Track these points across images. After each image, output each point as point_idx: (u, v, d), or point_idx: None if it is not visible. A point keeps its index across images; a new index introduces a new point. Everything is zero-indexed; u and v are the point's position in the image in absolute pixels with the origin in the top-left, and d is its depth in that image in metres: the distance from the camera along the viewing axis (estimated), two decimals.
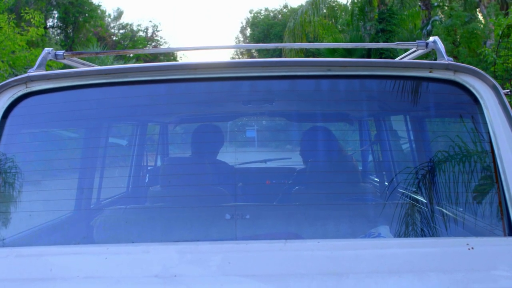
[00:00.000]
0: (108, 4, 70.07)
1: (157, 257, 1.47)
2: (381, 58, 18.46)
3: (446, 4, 21.59)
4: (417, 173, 2.03)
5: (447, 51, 5.58)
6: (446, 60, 1.83)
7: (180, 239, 1.63)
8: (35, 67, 1.90)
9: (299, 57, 20.38)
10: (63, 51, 2.07)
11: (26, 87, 1.78)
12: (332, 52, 19.07)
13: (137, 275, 1.42)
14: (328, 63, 1.77)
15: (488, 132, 1.69)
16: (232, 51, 47.92)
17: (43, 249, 1.63)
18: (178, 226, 1.78)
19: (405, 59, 2.44)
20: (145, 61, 31.45)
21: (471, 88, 1.75)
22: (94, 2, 26.54)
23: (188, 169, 2.06)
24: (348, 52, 18.59)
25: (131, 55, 31.44)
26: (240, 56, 55.19)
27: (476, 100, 1.75)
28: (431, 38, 2.09)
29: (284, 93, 2.00)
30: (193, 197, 1.76)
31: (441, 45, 2.00)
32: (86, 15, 25.78)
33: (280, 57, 28.14)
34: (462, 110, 1.86)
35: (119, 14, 40.71)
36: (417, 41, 2.19)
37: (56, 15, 26.50)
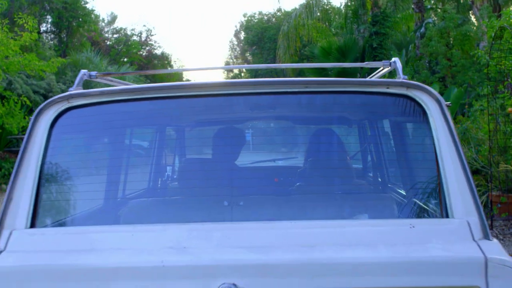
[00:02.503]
0: (101, 9, 70.06)
1: (171, 233, 1.95)
2: (375, 59, 18.50)
3: (439, 7, 21.69)
4: (379, 169, 2.85)
5: (440, 53, 6.30)
6: (401, 78, 2.27)
7: (189, 221, 2.09)
8: (74, 86, 2.38)
9: (293, 60, 20.43)
10: (96, 72, 2.62)
11: (68, 103, 2.25)
12: (327, 55, 19.11)
13: (156, 246, 1.89)
14: (305, 81, 2.26)
15: (432, 136, 2.11)
16: (227, 55, 48.04)
17: (85, 228, 2.17)
18: (189, 211, 2.34)
19: (373, 77, 3.10)
20: (138, 65, 31.41)
21: (420, 101, 2.17)
22: (88, 7, 26.49)
23: (203, 167, 2.73)
24: (342, 55, 18.64)
25: (125, 59, 31.41)
26: (235, 60, 55.27)
27: (423, 111, 2.17)
28: (393, 59, 2.59)
29: (273, 105, 2.56)
30: (201, 189, 2.40)
31: (399, 65, 2.46)
32: (80, 19, 25.68)
33: (274, 61, 28.20)
34: (413, 118, 2.30)
35: (113, 18, 40.66)
36: (383, 61, 2.75)
37: (49, 20, 26.45)
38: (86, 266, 1.86)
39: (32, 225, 2.08)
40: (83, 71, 2.54)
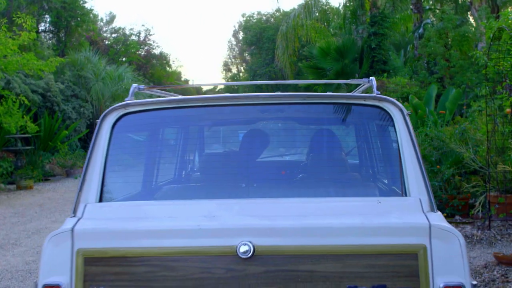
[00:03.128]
0: (100, 8, 69.97)
1: (204, 206, 2.66)
2: (373, 59, 18.52)
3: (438, 8, 21.72)
4: (358, 161, 3.75)
5: (439, 54, 6.77)
6: (375, 93, 3.00)
7: (217, 198, 2.83)
8: (129, 97, 3.14)
9: (291, 60, 20.43)
10: (144, 85, 3.59)
11: (125, 109, 2.95)
12: (325, 55, 19.12)
13: (193, 215, 2.59)
14: (305, 96, 3.04)
15: (396, 136, 2.80)
16: (226, 55, 48.00)
17: (139, 202, 2.96)
18: (216, 190, 3.05)
19: (357, 91, 4.17)
20: (137, 65, 31.37)
21: (388, 110, 2.85)
22: (86, 7, 26.42)
23: (227, 158, 3.64)
24: (341, 55, 18.65)
25: (124, 59, 31.37)
26: (233, 60, 55.22)
27: (391, 117, 2.85)
28: (370, 78, 3.44)
29: (279, 112, 3.33)
30: (223, 175, 3.20)
31: (374, 83, 3.30)
32: (79, 19, 25.60)
33: (273, 61, 28.21)
34: (383, 123, 3.04)
35: (112, 18, 40.60)
36: (363, 79, 3.72)
37: (48, 19, 26.37)
38: (144, 228, 2.55)
39: (100, 200, 2.78)
40: (134, 85, 3.45)
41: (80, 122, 21.37)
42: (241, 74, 48.77)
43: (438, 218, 2.52)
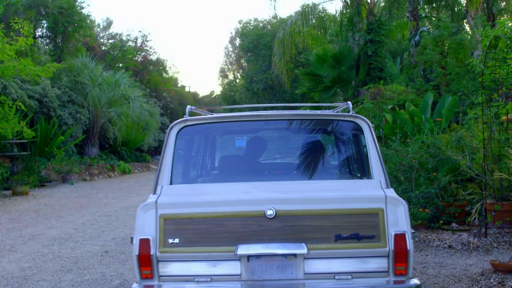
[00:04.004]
0: (97, 14, 70.03)
1: (241, 186, 4.05)
2: (370, 67, 18.57)
3: (434, 15, 21.82)
4: (340, 160, 4.95)
5: (435, 62, 10.58)
6: (351, 113, 4.49)
7: (250, 180, 4.42)
8: (186, 114, 4.48)
9: (288, 67, 20.48)
10: (194, 106, 5.02)
11: (185, 123, 4.28)
12: (322, 62, 19.17)
13: (236, 191, 3.93)
14: (301, 114, 4.84)
15: (365, 142, 4.18)
16: (222, 62, 47.93)
17: (199, 184, 4.78)
18: (250, 176, 4.70)
19: (338, 110, 5.56)
20: (133, 71, 31.37)
21: (360, 124, 4.28)
22: (83, 12, 26.39)
23: (249, 154, 5.34)
24: (337, 62, 18.71)
25: (121, 64, 31.35)
26: (230, 66, 55.24)
27: (361, 129, 4.26)
28: (348, 102, 4.84)
29: (279, 125, 5.01)
30: (251, 168, 5.02)
31: (350, 106, 4.73)
32: (76, 25, 25.54)
33: (270, 67, 28.23)
34: (356, 133, 4.49)
35: (109, 24, 40.60)
36: (343, 102, 5.17)
37: (45, 25, 26.32)
38: (203, 200, 3.86)
39: (171, 183, 4.12)
40: (189, 106, 4.91)
41: (76, 127, 21.33)
42: (237, 81, 48.79)
43: (391, 192, 3.89)
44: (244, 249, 3.74)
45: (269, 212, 3.72)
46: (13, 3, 23.24)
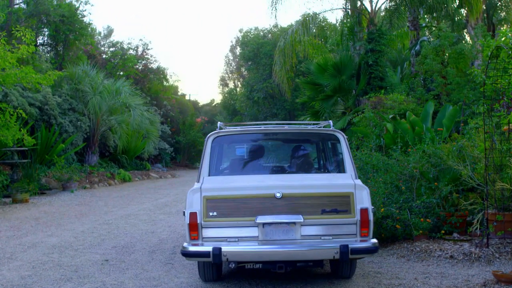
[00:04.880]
0: (98, 22, 70.09)
1: (258, 177, 6.39)
2: (371, 76, 18.58)
3: (434, 25, 21.87)
4: (324, 160, 7.22)
5: (435, 71, 12.12)
6: (332, 128, 6.54)
7: (262, 173, 6.81)
8: (218, 128, 6.44)
9: (288, 76, 20.48)
10: (222, 123, 6.77)
11: (217, 134, 6.34)
12: (322, 71, 19.19)
13: (254, 181, 6.13)
14: (297, 129, 7.06)
15: (341, 148, 6.22)
16: (223, 70, 47.89)
17: (228, 176, 6.59)
18: (261, 171, 6.97)
19: (321, 126, 7.14)
20: (135, 79, 31.40)
21: (338, 136, 6.31)
22: (85, 20, 26.42)
23: (261, 158, 7.23)
24: (338, 72, 18.73)
25: (121, 73, 31.38)
26: (230, 75, 55.31)
27: (339, 140, 6.28)
28: (330, 121, 6.79)
29: (278, 137, 7.43)
30: (262, 165, 7.25)
31: (331, 123, 6.68)
32: (77, 33, 25.55)
33: (270, 76, 28.26)
34: (335, 142, 6.55)
35: (109, 32, 40.70)
36: (325, 121, 7.11)
37: (46, 33, 26.34)
38: (232, 186, 5.85)
39: (209, 175, 6.00)
40: (220, 123, 6.65)
41: (77, 135, 21.32)
42: (238, 89, 48.84)
43: (358, 182, 5.79)
44: (261, 219, 5.56)
45: (278, 195, 5.58)
46: (14, 11, 23.30)
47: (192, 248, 5.56)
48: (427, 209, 8.35)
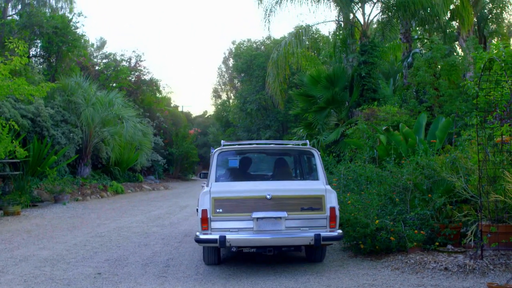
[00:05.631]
0: (91, 34, 70.18)
1: (252, 183, 8.36)
2: (364, 87, 18.65)
3: (426, 37, 22.00)
4: (302, 171, 9.15)
5: (428, 83, 12.45)
6: (308, 146, 8.68)
7: (256, 180, 9.02)
8: (221, 145, 8.63)
9: (281, 88, 20.51)
10: (224, 141, 9.16)
11: (221, 149, 8.28)
12: (316, 83, 19.24)
13: (251, 186, 7.97)
14: (283, 147, 9.54)
15: (315, 161, 8.12)
16: (216, 82, 47.77)
17: (231, 182, 8.48)
18: (256, 178, 9.38)
19: (300, 144, 9.19)
20: (128, 91, 31.38)
21: (313, 152, 8.23)
22: (78, 32, 26.42)
23: (249, 166, 9.55)
24: (331, 83, 18.79)
25: (114, 84, 31.35)
26: (223, 87, 55.38)
27: (313, 155, 8.22)
28: (306, 141, 9.05)
29: (268, 152, 9.93)
30: (256, 173, 9.98)
31: (308, 142, 8.92)
32: (70, 44, 25.54)
33: (263, 88, 28.33)
34: (311, 157, 8.48)
35: (102, 43, 40.69)
36: (303, 140, 9.91)
37: (39, 44, 26.32)
38: (235, 189, 7.67)
39: (216, 181, 7.80)
40: (223, 141, 8.97)
41: (69, 147, 21.22)
42: (231, 101, 48.85)
43: (329, 187, 7.52)
44: (255, 214, 7.20)
45: (268, 196, 7.26)
46: (7, 23, 23.27)
47: (203, 236, 7.17)
48: (421, 221, 8.35)
